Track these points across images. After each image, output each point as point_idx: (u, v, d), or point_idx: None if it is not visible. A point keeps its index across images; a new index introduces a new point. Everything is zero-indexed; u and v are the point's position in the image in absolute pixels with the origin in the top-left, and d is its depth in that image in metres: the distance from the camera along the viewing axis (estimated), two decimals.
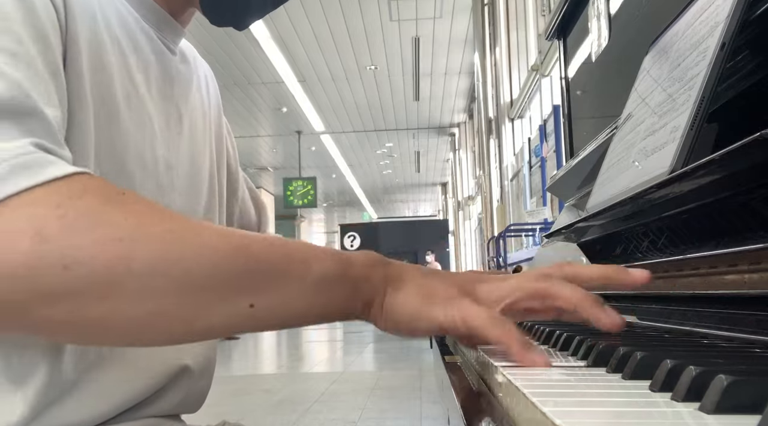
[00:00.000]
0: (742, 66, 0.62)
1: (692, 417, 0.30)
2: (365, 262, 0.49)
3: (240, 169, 0.90)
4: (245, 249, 0.44)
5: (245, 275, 0.44)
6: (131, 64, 0.61)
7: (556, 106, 5.36)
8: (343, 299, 0.48)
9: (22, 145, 0.41)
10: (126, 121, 0.59)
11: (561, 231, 1.06)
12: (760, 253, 0.46)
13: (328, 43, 9.61)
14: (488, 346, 0.60)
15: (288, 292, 0.45)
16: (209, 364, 0.73)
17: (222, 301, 0.43)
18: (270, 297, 0.44)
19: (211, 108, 0.78)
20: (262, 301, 0.44)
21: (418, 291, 0.49)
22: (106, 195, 0.42)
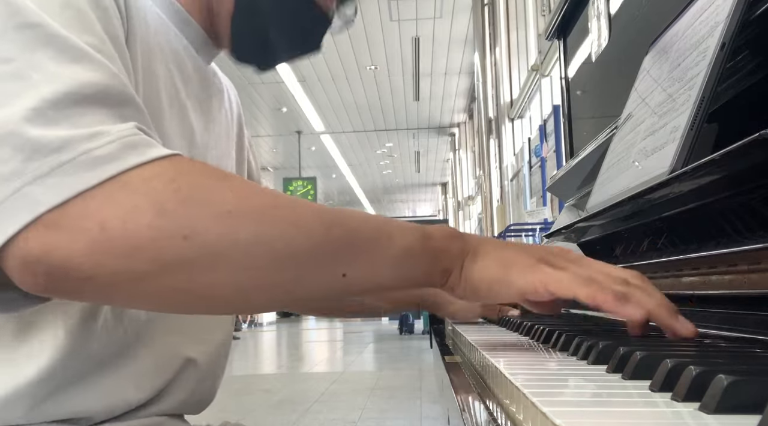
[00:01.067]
0: (742, 66, 0.62)
1: (692, 417, 0.30)
2: (443, 234, 0.53)
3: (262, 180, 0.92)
4: (339, 224, 0.48)
5: (339, 248, 0.47)
6: (174, 72, 0.63)
7: (556, 106, 5.36)
8: (425, 269, 0.52)
9: (128, 127, 0.43)
10: (168, 127, 0.61)
11: (561, 231, 1.06)
12: (760, 253, 0.47)
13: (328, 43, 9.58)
14: (488, 346, 0.60)
15: (376, 263, 0.49)
16: (219, 364, 0.73)
17: (318, 271, 0.47)
18: (361, 268, 0.49)
19: (233, 120, 0.81)
20: (353, 271, 0.48)
21: (497, 260, 0.52)
22: (209, 172, 0.45)
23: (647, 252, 0.73)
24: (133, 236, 0.40)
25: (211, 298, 0.45)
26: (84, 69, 0.44)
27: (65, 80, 0.43)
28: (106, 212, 0.40)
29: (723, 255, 0.52)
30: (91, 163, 0.41)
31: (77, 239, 0.40)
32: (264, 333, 12.56)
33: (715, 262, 0.53)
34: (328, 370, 6.09)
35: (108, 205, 0.40)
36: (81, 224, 0.40)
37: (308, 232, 0.46)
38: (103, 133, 0.42)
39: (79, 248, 0.40)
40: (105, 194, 0.40)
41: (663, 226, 0.69)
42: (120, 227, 0.40)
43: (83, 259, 0.40)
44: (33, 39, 0.44)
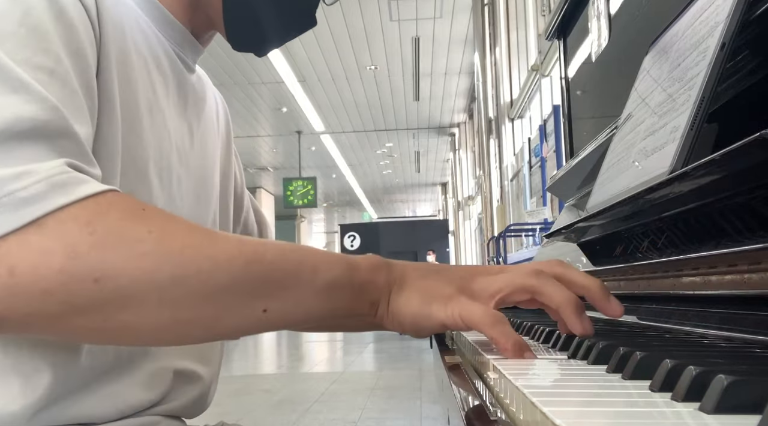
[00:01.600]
0: (742, 66, 0.62)
1: (692, 417, 0.30)
2: (369, 266, 0.52)
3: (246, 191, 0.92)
4: (259, 258, 0.47)
5: (259, 283, 0.47)
6: (153, 78, 0.63)
7: (556, 106, 5.36)
8: (350, 302, 0.51)
9: (56, 165, 0.43)
10: (147, 132, 0.60)
11: (561, 231, 1.06)
12: (760, 253, 0.47)
13: (328, 43, 9.61)
14: (488, 347, 0.60)
15: (299, 297, 0.48)
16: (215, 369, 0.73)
17: (237, 307, 0.46)
18: (282, 302, 0.48)
19: (220, 130, 0.80)
20: (275, 305, 0.48)
21: (419, 292, 0.52)
22: (130, 210, 0.45)
23: (647, 252, 0.73)
24: (43, 280, 0.41)
25: (129, 335, 0.46)
26: (21, 101, 0.44)
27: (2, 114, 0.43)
28: (18, 256, 0.40)
29: (723, 255, 0.52)
30: (15, 205, 0.41)
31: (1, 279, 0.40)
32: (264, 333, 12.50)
33: (715, 262, 0.53)
34: (328, 370, 6.09)
35: (20, 250, 0.40)
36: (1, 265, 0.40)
37: (226, 269, 0.45)
38: (31, 173, 0.42)
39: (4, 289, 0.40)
40: (20, 238, 0.41)
41: (663, 226, 0.69)
42: (30, 272, 0.40)
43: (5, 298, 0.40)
44: None
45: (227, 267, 0.46)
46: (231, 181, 0.83)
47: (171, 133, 0.65)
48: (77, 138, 0.46)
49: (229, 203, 0.83)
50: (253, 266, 0.47)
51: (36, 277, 0.41)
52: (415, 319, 0.52)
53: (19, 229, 0.41)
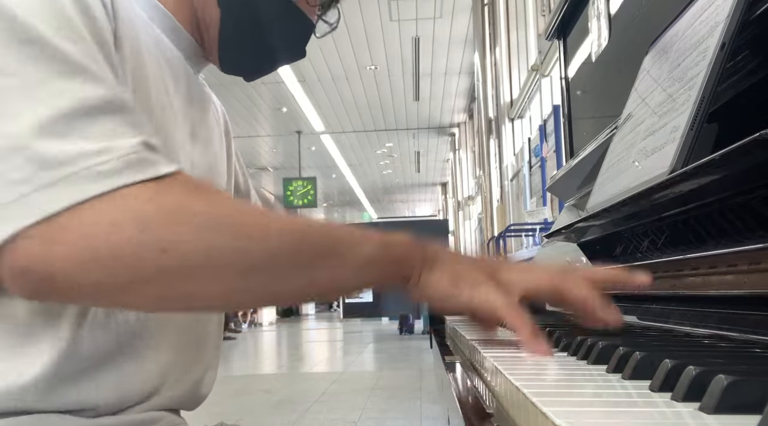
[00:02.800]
0: (742, 66, 0.62)
1: (692, 417, 0.30)
2: (402, 244, 0.57)
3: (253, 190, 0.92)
4: (307, 233, 0.52)
5: (306, 256, 0.51)
6: (165, 75, 0.64)
7: (556, 106, 5.35)
8: (385, 275, 0.56)
9: (134, 143, 0.46)
10: (160, 129, 0.61)
11: (561, 231, 1.06)
12: (760, 253, 0.47)
13: (328, 43, 9.61)
14: (488, 346, 0.60)
15: (341, 270, 0.53)
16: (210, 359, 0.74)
17: (288, 278, 0.51)
18: (327, 274, 0.53)
19: (222, 133, 0.82)
20: (320, 277, 0.52)
21: (450, 274, 0.57)
22: (190, 188, 0.48)
23: (647, 252, 0.73)
24: (116, 249, 0.44)
25: (191, 301, 0.50)
26: (85, 81, 0.47)
27: (70, 94, 0.46)
28: (92, 226, 0.43)
29: (723, 255, 0.52)
30: (93, 177, 0.44)
31: (65, 250, 0.43)
32: (264, 333, 12.55)
33: (715, 262, 0.53)
34: (328, 370, 6.08)
35: (94, 220, 0.43)
36: (68, 237, 0.43)
37: (277, 242, 0.50)
38: (111, 150, 0.45)
39: (66, 260, 0.43)
40: (94, 209, 0.43)
41: (663, 226, 0.69)
42: (104, 240, 0.43)
43: (69, 268, 0.43)
44: (37, 54, 0.46)
45: (278, 240, 0.50)
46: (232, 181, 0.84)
47: (178, 131, 0.66)
48: (139, 112, 0.49)
49: None
50: (301, 240, 0.51)
51: (108, 245, 0.43)
52: (443, 297, 0.57)
53: (92, 200, 0.43)
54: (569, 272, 0.59)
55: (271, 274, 0.50)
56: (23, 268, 0.43)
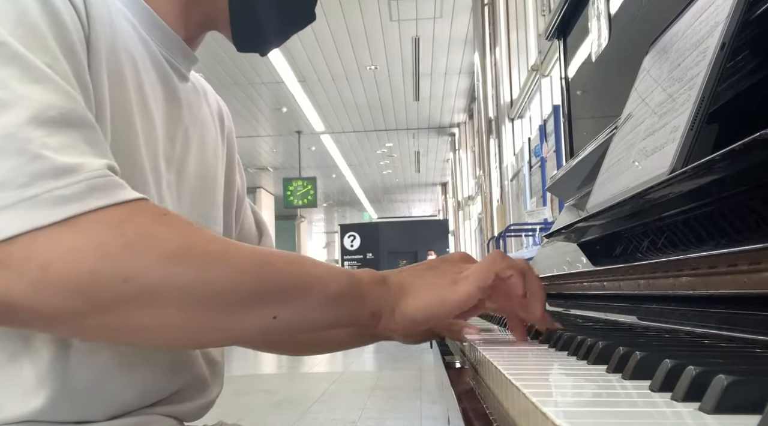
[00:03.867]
0: (742, 66, 0.62)
1: (692, 417, 0.30)
2: (370, 279, 0.56)
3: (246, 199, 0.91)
4: (271, 269, 0.50)
5: (271, 291, 0.50)
6: (142, 79, 0.62)
7: (556, 106, 5.35)
8: (353, 311, 0.55)
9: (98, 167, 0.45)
10: (138, 132, 0.60)
11: (561, 231, 1.06)
12: (760, 253, 0.46)
13: (328, 43, 9.61)
14: (488, 346, 0.60)
15: (306, 305, 0.52)
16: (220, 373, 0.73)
17: (250, 312, 0.49)
18: (291, 310, 0.51)
19: (221, 138, 0.80)
20: (284, 313, 0.50)
21: (424, 288, 0.58)
22: (155, 216, 0.47)
23: (647, 252, 0.73)
24: (75, 278, 0.42)
25: (148, 336, 0.48)
26: (46, 90, 0.45)
27: (32, 102, 0.44)
28: (51, 253, 0.41)
29: (723, 255, 0.52)
30: (52, 202, 0.42)
31: (20, 278, 0.41)
32: None
33: (715, 262, 0.53)
34: (328, 370, 6.08)
35: (53, 247, 0.41)
36: (25, 264, 0.41)
37: (241, 277, 0.48)
38: (73, 171, 0.43)
39: (22, 288, 0.41)
40: (53, 235, 0.42)
41: (663, 226, 0.69)
42: (62, 269, 0.42)
43: (25, 297, 0.42)
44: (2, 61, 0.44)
45: (243, 274, 0.48)
46: (234, 189, 0.82)
47: (159, 137, 0.64)
48: (97, 128, 0.48)
49: (232, 211, 0.82)
50: (266, 275, 0.49)
51: (67, 274, 0.42)
52: (429, 310, 0.57)
53: (52, 226, 0.42)
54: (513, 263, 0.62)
55: (235, 309, 0.48)
56: None
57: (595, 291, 0.85)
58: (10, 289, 0.41)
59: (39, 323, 0.45)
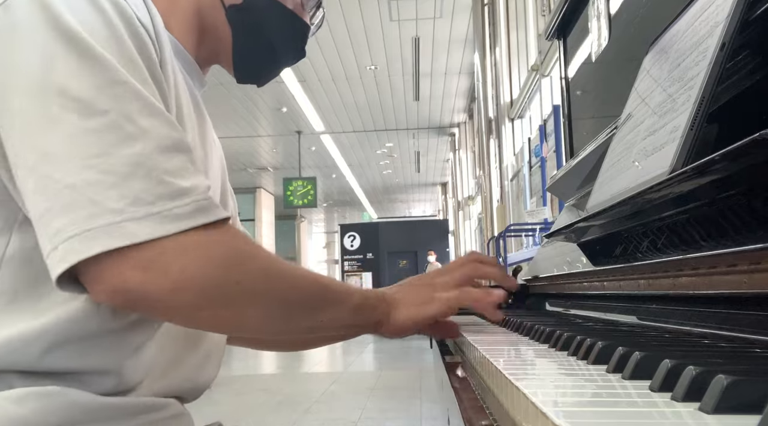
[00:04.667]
0: (742, 66, 0.62)
1: (692, 417, 0.30)
2: (374, 296, 0.73)
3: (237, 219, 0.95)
4: (319, 285, 0.65)
5: (320, 301, 0.65)
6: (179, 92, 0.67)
7: (556, 106, 5.35)
8: (365, 319, 0.71)
9: (203, 190, 0.56)
10: None
11: (561, 231, 1.06)
12: (760, 253, 0.46)
13: (328, 43, 9.60)
14: (488, 346, 0.60)
15: (340, 311, 0.67)
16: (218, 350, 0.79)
17: (308, 316, 0.65)
18: (331, 314, 0.67)
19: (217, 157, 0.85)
20: (326, 317, 0.66)
21: (411, 304, 0.74)
22: (247, 237, 0.61)
23: (647, 252, 0.73)
24: (203, 280, 0.54)
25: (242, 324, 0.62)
26: (160, 122, 0.55)
27: (152, 134, 0.54)
28: (187, 260, 0.53)
29: (723, 255, 0.52)
30: (172, 218, 0.52)
31: (160, 279, 0.52)
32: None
33: (715, 262, 0.53)
34: (328, 370, 6.09)
35: (188, 253, 0.53)
36: (166, 267, 0.52)
37: (306, 292, 0.64)
38: (186, 194, 0.54)
39: (163, 286, 0.52)
40: (186, 244, 0.53)
41: (663, 226, 0.69)
42: (195, 273, 0.53)
43: (163, 294, 0.53)
44: (125, 96, 0.53)
45: (307, 289, 0.64)
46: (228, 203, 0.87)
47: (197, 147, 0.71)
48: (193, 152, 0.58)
49: None
50: (320, 290, 0.65)
51: (198, 277, 0.53)
52: (414, 321, 0.74)
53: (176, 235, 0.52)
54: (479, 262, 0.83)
55: (299, 312, 0.63)
56: (125, 289, 0.51)
57: (595, 291, 0.85)
58: (151, 287, 0.52)
59: (167, 314, 0.58)
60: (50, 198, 0.51)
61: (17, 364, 0.56)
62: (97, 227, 0.50)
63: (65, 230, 0.50)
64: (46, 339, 0.56)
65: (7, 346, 0.56)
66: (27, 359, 0.56)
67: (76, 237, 0.50)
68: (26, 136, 0.52)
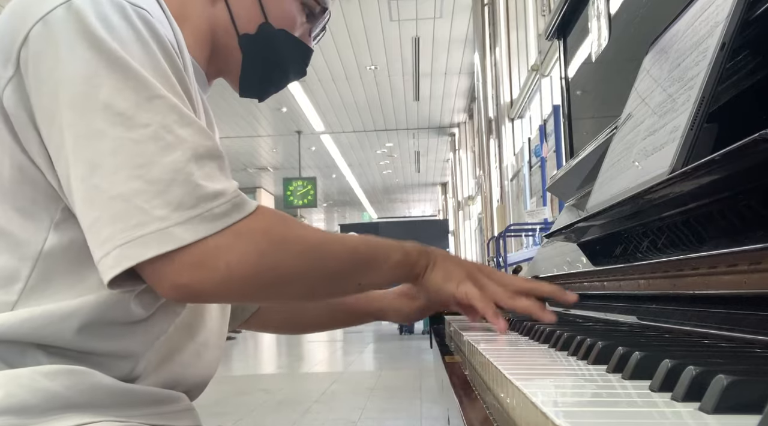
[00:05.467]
0: (742, 66, 0.62)
1: (692, 417, 0.30)
2: (416, 251, 0.76)
3: None
4: (356, 251, 0.70)
5: (359, 267, 0.71)
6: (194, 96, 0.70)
7: (556, 106, 5.35)
8: (405, 275, 0.76)
9: (234, 189, 0.60)
10: None
11: (561, 231, 1.06)
12: (760, 253, 0.46)
13: (328, 43, 9.60)
14: (488, 346, 0.60)
15: (378, 273, 0.73)
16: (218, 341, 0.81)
17: (345, 282, 0.72)
18: (369, 277, 0.73)
19: None
20: (365, 280, 0.73)
21: (443, 272, 0.77)
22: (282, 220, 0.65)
23: (647, 252, 0.73)
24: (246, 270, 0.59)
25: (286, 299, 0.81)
26: (195, 131, 0.59)
27: (189, 143, 0.58)
28: (230, 255, 0.58)
29: (723, 255, 0.52)
30: (212, 218, 0.57)
31: (211, 274, 0.58)
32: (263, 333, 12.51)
33: (715, 262, 0.53)
34: (328, 370, 6.09)
35: (230, 250, 0.58)
36: (215, 264, 0.57)
37: (342, 261, 0.69)
38: (220, 195, 0.58)
39: (213, 280, 0.58)
40: (226, 241, 0.58)
41: (663, 226, 0.69)
42: (241, 266, 0.59)
43: (215, 287, 0.58)
44: (162, 110, 0.58)
45: (343, 259, 0.69)
46: None
47: None
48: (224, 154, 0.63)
49: None
50: (354, 257, 0.70)
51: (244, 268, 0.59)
52: (437, 289, 0.78)
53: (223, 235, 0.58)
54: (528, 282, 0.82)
55: (338, 280, 0.70)
56: (184, 285, 0.57)
57: (595, 291, 0.85)
58: (206, 282, 0.58)
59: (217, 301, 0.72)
60: (99, 208, 0.56)
61: (49, 338, 0.60)
62: (147, 234, 0.55)
63: (115, 238, 0.55)
64: (81, 316, 0.60)
65: (45, 319, 0.60)
66: (62, 335, 0.60)
67: (129, 244, 0.55)
68: (76, 149, 0.56)
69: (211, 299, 0.66)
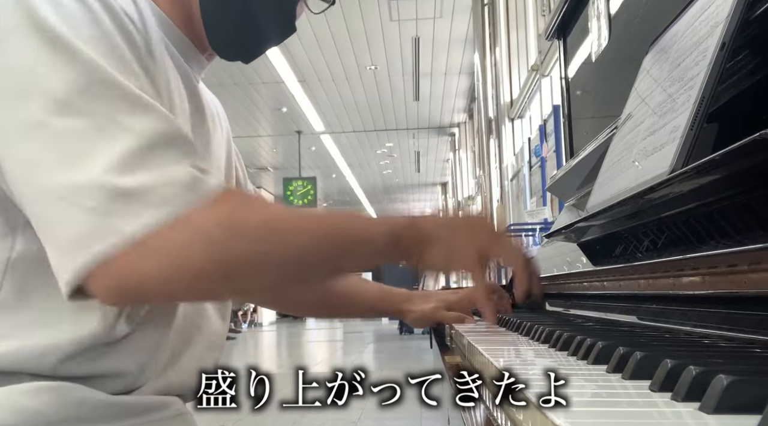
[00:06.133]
0: (742, 66, 0.62)
1: (692, 417, 0.30)
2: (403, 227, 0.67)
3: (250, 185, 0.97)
4: (335, 230, 0.62)
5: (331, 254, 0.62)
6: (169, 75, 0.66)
7: (556, 106, 5.34)
8: (392, 254, 0.68)
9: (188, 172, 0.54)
10: None
11: (561, 231, 1.06)
12: (760, 253, 0.46)
13: (328, 43, 9.60)
14: (488, 346, 0.60)
15: (361, 254, 0.66)
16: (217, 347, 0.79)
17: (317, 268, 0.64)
18: (351, 259, 0.66)
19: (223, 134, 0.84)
20: (345, 262, 0.67)
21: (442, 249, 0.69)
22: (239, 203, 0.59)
23: (647, 252, 0.73)
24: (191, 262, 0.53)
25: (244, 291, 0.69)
26: (150, 119, 0.54)
27: (139, 132, 0.53)
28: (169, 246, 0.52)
29: (723, 255, 0.52)
30: (159, 205, 0.51)
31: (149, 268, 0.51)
32: (264, 333, 12.53)
33: (715, 262, 0.53)
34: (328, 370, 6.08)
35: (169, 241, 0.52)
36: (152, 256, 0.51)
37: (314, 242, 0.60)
38: (172, 180, 0.53)
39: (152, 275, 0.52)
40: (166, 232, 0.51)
41: (663, 226, 0.69)
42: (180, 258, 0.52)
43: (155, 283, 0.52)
44: (109, 95, 0.53)
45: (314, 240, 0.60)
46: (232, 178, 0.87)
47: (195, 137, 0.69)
48: (191, 140, 0.57)
49: None
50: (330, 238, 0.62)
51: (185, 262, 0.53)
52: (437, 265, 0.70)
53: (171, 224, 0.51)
54: None
55: (315, 266, 0.62)
56: (117, 286, 0.51)
57: (595, 291, 0.85)
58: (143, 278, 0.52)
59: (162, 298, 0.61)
60: (41, 207, 0.52)
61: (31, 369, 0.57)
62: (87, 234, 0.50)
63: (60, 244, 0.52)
64: (61, 351, 0.57)
65: (22, 355, 0.57)
66: (42, 368, 0.57)
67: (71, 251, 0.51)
68: (11, 144, 0.52)
69: (150, 298, 0.58)
